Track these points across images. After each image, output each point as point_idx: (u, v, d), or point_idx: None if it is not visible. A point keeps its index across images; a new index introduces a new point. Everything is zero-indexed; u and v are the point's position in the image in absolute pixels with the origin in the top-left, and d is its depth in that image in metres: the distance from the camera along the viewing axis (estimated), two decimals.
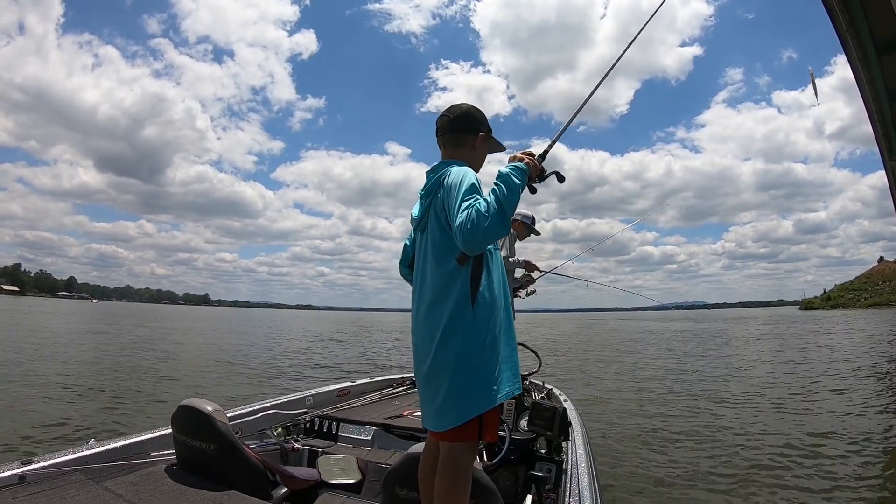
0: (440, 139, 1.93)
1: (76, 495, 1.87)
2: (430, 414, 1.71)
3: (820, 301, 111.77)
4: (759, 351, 18.10)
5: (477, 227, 1.51)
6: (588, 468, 2.27)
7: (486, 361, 1.64)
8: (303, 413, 3.34)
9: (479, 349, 1.64)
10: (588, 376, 11.68)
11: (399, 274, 2.08)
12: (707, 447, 5.63)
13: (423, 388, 1.76)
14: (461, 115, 1.91)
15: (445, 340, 1.65)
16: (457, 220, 1.56)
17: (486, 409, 1.62)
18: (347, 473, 2.64)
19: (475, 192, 1.62)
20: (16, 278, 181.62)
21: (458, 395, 1.62)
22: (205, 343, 20.32)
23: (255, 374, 11.21)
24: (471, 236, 1.52)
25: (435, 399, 1.68)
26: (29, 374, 9.72)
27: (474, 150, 1.91)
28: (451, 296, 1.67)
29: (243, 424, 2.88)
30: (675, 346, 20.90)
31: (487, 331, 1.66)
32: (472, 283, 1.67)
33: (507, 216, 1.57)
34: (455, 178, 1.68)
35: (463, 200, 1.59)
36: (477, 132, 1.91)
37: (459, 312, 1.65)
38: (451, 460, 1.67)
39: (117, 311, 63.68)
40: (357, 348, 19.48)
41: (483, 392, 1.62)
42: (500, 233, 1.57)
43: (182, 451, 2.25)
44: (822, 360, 13.82)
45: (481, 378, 1.63)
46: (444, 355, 1.65)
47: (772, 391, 9.21)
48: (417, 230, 1.89)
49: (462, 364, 1.63)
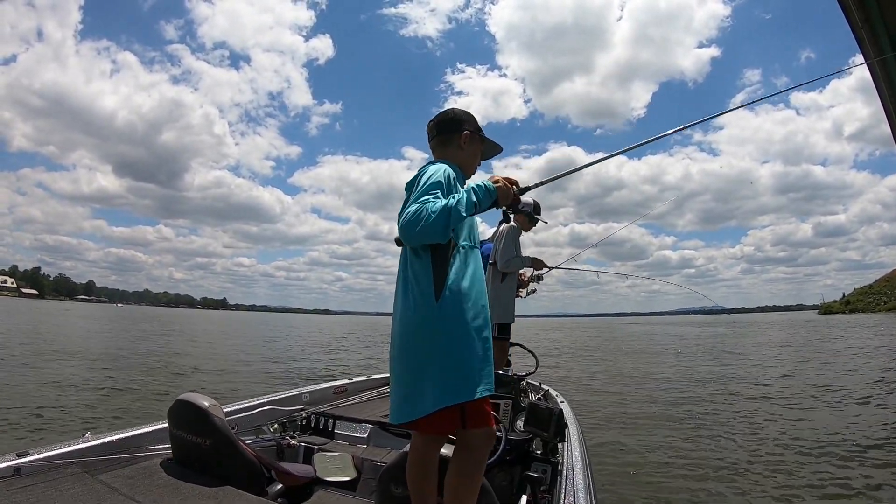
0: (430, 144, 2.01)
1: (71, 488, 1.88)
2: (402, 406, 1.71)
3: (839, 305, 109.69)
4: (776, 358, 17.73)
5: (416, 223, 1.58)
6: (584, 470, 2.25)
7: (459, 352, 1.65)
8: (299, 410, 3.34)
9: (445, 342, 1.65)
10: (589, 378, 11.64)
11: None
12: (706, 451, 5.56)
13: (393, 379, 1.78)
14: (445, 118, 1.99)
15: (408, 334, 1.70)
16: (406, 208, 1.64)
17: (464, 400, 1.63)
18: (343, 471, 2.63)
19: (438, 188, 1.68)
20: (35, 282, 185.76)
21: (431, 384, 1.63)
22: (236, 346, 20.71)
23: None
24: (408, 229, 1.61)
25: (405, 388, 1.70)
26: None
27: (461, 148, 1.96)
28: (417, 289, 1.71)
29: (240, 420, 2.88)
30: (687, 351, 20.63)
31: (455, 325, 1.66)
32: (437, 276, 1.70)
33: (447, 225, 1.61)
34: (426, 175, 1.75)
35: (422, 194, 1.66)
36: (462, 131, 1.95)
37: (423, 303, 1.68)
38: (468, 451, 1.69)
39: (143, 315, 64.92)
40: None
41: (457, 383, 1.63)
42: (435, 236, 1.62)
43: (178, 445, 2.25)
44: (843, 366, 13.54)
45: (453, 369, 1.63)
46: (408, 348, 1.70)
47: (778, 396, 9.05)
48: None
49: (432, 354, 1.64)
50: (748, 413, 7.55)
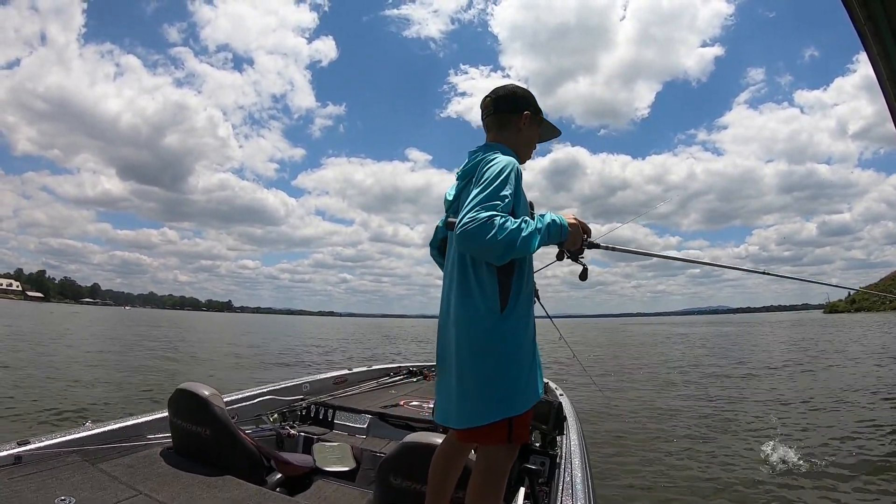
0: (484, 122, 1.83)
1: (71, 476, 1.90)
2: (452, 411, 1.61)
3: (844, 304, 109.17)
4: (782, 358, 17.64)
5: (479, 237, 1.42)
6: (582, 463, 2.26)
7: (515, 364, 1.56)
8: (299, 400, 3.36)
9: (508, 352, 1.56)
10: (592, 373, 11.64)
11: (424, 272, 2.01)
12: (706, 447, 5.55)
13: (443, 384, 1.69)
14: (505, 94, 1.80)
15: (470, 342, 1.56)
16: (470, 212, 1.44)
17: (515, 413, 1.54)
18: (342, 461, 2.64)
19: (507, 194, 1.51)
20: (40, 285, 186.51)
21: (483, 395, 1.53)
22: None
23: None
24: (469, 240, 1.43)
25: (457, 395, 1.60)
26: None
27: (520, 131, 1.79)
28: (480, 295, 1.57)
29: (240, 409, 2.91)
30: (692, 351, 20.56)
31: (516, 335, 1.58)
32: (502, 283, 1.58)
33: (510, 255, 1.48)
34: (493, 169, 1.56)
35: (489, 199, 1.47)
36: (522, 112, 1.79)
37: (488, 315, 1.55)
38: (486, 461, 1.60)
39: (153, 318, 65.40)
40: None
41: (511, 396, 1.54)
42: (492, 258, 1.50)
43: (178, 434, 2.27)
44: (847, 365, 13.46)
45: (509, 381, 1.54)
46: (472, 354, 1.56)
47: (785, 396, 8.97)
48: (450, 212, 1.78)
49: (489, 365, 1.54)
50: (758, 412, 7.47)
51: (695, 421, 6.83)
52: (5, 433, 5.13)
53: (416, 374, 4.57)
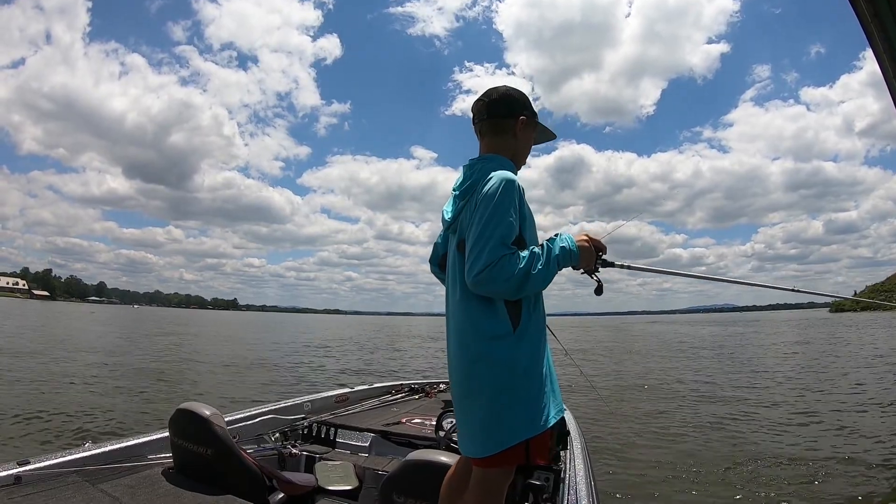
0: (477, 126, 1.71)
1: (72, 497, 1.89)
2: (467, 439, 1.57)
3: (850, 303, 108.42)
4: (789, 360, 17.55)
5: (491, 285, 1.40)
6: (586, 478, 2.23)
7: (528, 386, 1.50)
8: (301, 419, 3.34)
9: (518, 377, 1.48)
10: (595, 380, 11.52)
11: (430, 271, 1.95)
12: (714, 461, 5.42)
13: (458, 410, 1.62)
14: (499, 97, 1.68)
15: (482, 363, 1.50)
16: (479, 257, 1.41)
17: (531, 435, 1.48)
18: (344, 480, 2.62)
19: (512, 220, 1.45)
20: (47, 283, 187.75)
21: (497, 421, 1.47)
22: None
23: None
24: (482, 283, 1.41)
25: (471, 423, 1.54)
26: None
27: (515, 137, 1.69)
28: (491, 316, 1.50)
29: (241, 429, 2.89)
30: (697, 352, 20.47)
31: (528, 355, 1.51)
32: (513, 302, 1.50)
33: (523, 293, 1.45)
34: (494, 193, 1.48)
35: (494, 235, 1.42)
36: (518, 116, 1.68)
37: (499, 333, 1.49)
38: (485, 483, 1.54)
39: (161, 316, 65.89)
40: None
41: (526, 418, 1.48)
42: (509, 297, 1.47)
43: (179, 454, 2.26)
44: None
45: (523, 403, 1.48)
46: (481, 379, 1.49)
47: (792, 400, 8.92)
48: (449, 231, 1.71)
49: (501, 389, 1.47)
50: (772, 420, 7.32)
51: (706, 434, 6.62)
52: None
53: (418, 392, 4.54)
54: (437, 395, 4.44)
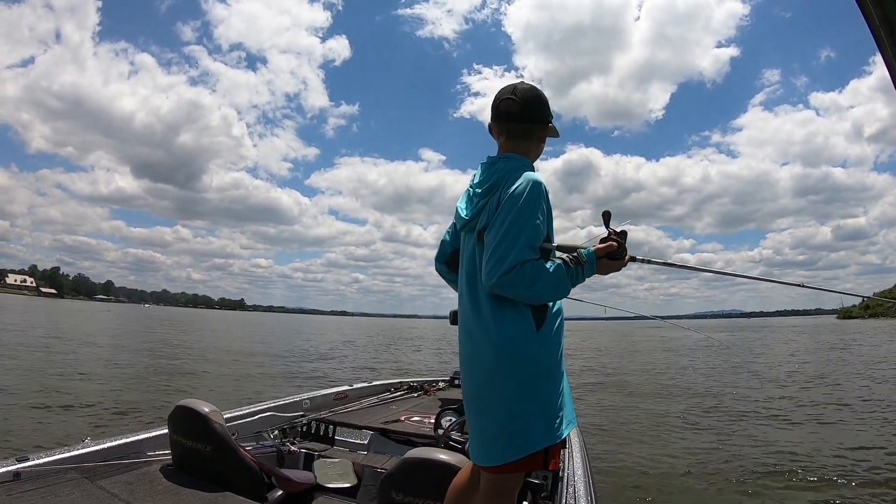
0: (503, 126, 1.61)
1: (71, 493, 1.90)
2: (481, 445, 1.50)
3: (858, 310, 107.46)
4: (797, 365, 17.40)
5: (514, 285, 1.38)
6: (584, 476, 2.24)
7: (549, 387, 1.46)
8: (300, 416, 3.36)
9: (541, 378, 1.45)
10: (594, 383, 11.56)
11: (436, 272, 1.88)
12: (712, 459, 5.47)
13: (471, 411, 1.55)
14: (533, 100, 1.59)
15: (503, 362, 1.44)
16: (499, 253, 1.39)
17: (549, 444, 1.44)
18: (343, 477, 2.63)
19: (539, 223, 1.42)
20: (54, 281, 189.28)
21: (518, 425, 1.42)
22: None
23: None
24: (503, 285, 1.39)
25: (488, 427, 1.48)
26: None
27: (541, 142, 1.66)
28: (512, 314, 1.45)
29: (240, 426, 2.90)
30: (696, 352, 20.36)
31: (550, 356, 1.47)
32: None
33: (542, 300, 1.45)
34: (518, 194, 1.44)
35: (519, 238, 1.39)
36: (547, 123, 1.63)
37: (522, 335, 1.43)
38: (497, 488, 1.49)
39: (172, 315, 66.47)
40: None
41: (546, 423, 1.44)
42: (526, 302, 1.44)
43: (178, 451, 2.27)
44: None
45: (541, 410, 1.44)
46: (503, 377, 1.44)
47: (794, 403, 8.86)
48: (465, 230, 1.63)
49: (524, 389, 1.43)
50: (763, 428, 7.26)
51: (706, 434, 6.66)
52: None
53: (417, 390, 4.56)
54: (436, 393, 4.45)
